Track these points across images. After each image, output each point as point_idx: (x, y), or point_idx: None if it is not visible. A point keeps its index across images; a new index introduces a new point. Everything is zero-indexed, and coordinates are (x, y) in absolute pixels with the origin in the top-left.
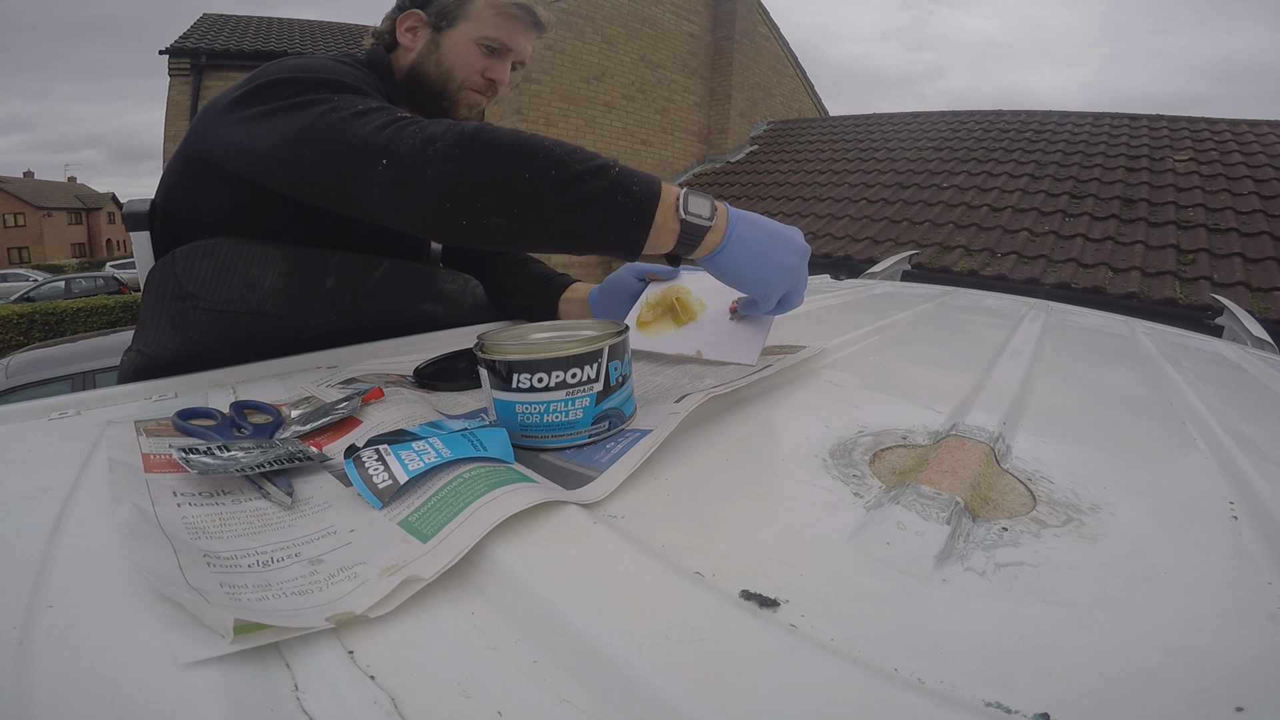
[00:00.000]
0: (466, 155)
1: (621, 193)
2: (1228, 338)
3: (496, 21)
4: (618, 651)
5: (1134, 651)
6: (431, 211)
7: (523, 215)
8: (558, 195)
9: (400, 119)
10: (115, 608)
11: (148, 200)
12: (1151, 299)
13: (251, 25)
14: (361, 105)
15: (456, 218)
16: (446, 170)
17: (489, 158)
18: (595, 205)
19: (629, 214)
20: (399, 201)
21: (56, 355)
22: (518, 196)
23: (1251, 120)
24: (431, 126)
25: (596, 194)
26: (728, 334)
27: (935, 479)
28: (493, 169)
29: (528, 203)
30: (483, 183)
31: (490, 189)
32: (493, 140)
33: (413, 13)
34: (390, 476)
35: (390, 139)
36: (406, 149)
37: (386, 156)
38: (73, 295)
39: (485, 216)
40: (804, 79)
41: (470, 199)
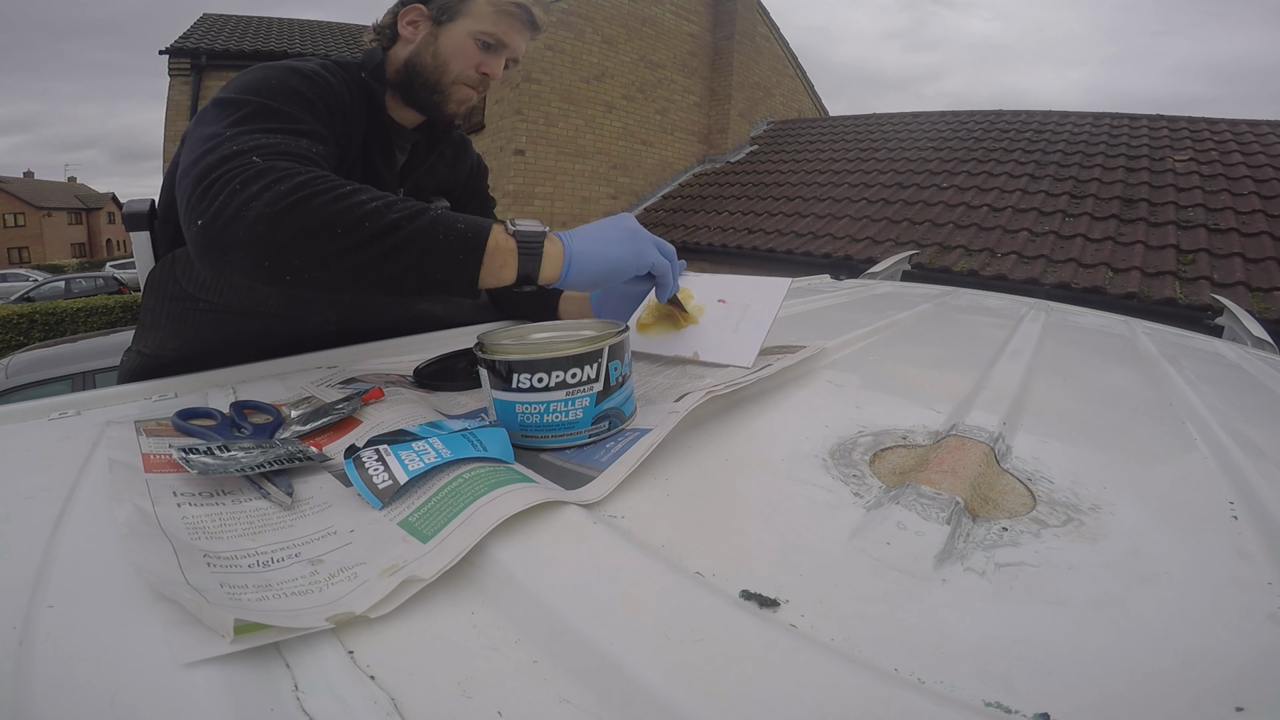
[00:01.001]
0: (276, 215)
1: (444, 230)
2: (1228, 338)
3: (495, 18)
4: (618, 651)
5: (1134, 651)
6: (249, 269)
7: (340, 267)
8: (372, 244)
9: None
10: (115, 608)
11: (148, 200)
12: (1151, 299)
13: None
14: (237, 146)
15: (277, 273)
16: (256, 232)
17: (297, 215)
18: (414, 246)
19: (454, 247)
20: (218, 264)
21: (56, 355)
22: (330, 250)
23: (1251, 120)
24: (256, 182)
25: (415, 235)
26: (725, 337)
27: (935, 479)
28: (302, 227)
29: (342, 255)
30: (292, 241)
31: (301, 246)
32: (305, 197)
33: (415, 6)
34: (390, 477)
35: (210, 203)
36: (219, 211)
37: (202, 219)
38: (73, 295)
39: (303, 271)
40: (804, 79)
41: (283, 256)
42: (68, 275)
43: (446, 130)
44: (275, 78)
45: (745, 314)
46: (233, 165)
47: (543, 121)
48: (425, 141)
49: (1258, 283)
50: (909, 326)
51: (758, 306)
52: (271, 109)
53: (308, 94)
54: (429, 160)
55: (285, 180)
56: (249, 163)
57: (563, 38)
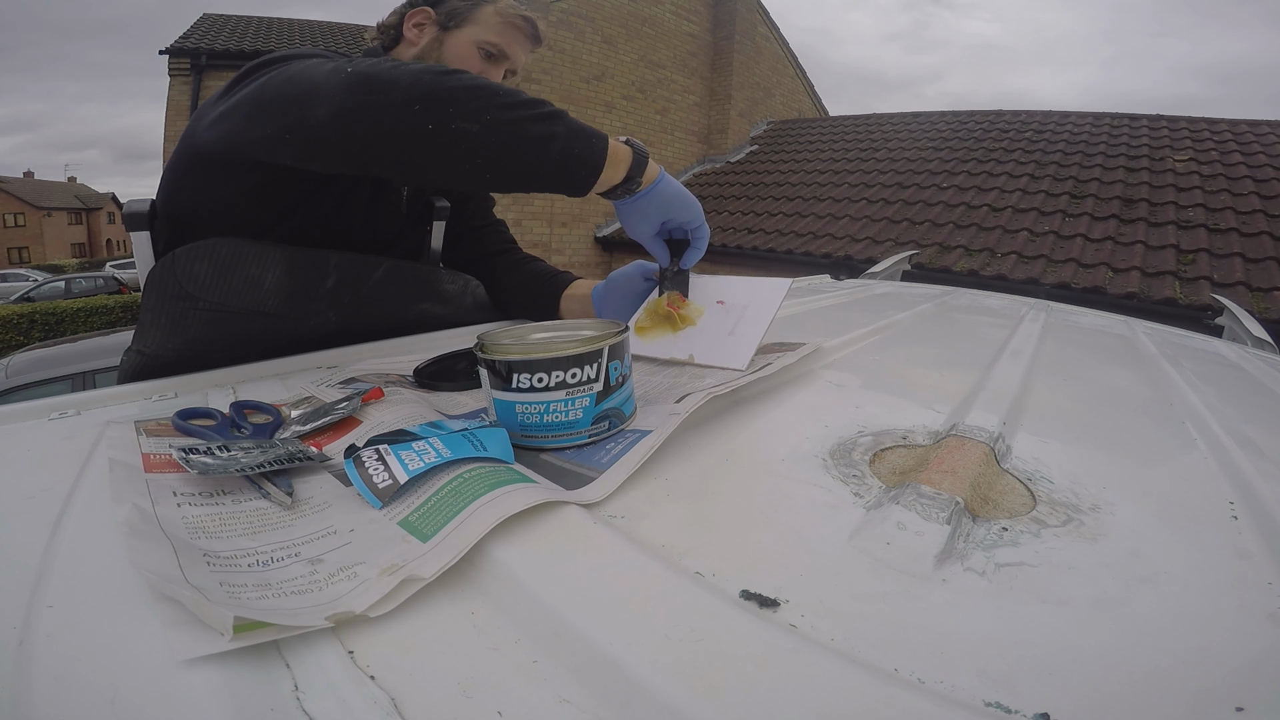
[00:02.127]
0: (439, 72)
1: (578, 122)
2: (1228, 338)
3: (501, 29)
4: (618, 651)
5: (1134, 651)
6: (396, 111)
7: (495, 121)
8: (526, 108)
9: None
10: (115, 608)
11: (148, 200)
12: (1151, 299)
13: (251, 25)
14: (317, 61)
15: (424, 119)
16: (421, 79)
17: (461, 76)
18: (561, 121)
19: (590, 135)
20: (359, 102)
21: (56, 355)
22: (489, 104)
23: (1251, 120)
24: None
25: (560, 115)
26: (721, 339)
27: (935, 479)
28: (464, 82)
29: (499, 110)
30: (454, 90)
31: (462, 96)
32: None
33: (423, 10)
34: (390, 476)
35: (358, 63)
36: (373, 64)
37: (351, 66)
38: (73, 295)
39: (455, 120)
40: (804, 79)
41: (440, 103)
42: (68, 275)
43: None
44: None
45: (743, 316)
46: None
47: None
48: None
49: (1258, 283)
50: (909, 326)
51: (756, 309)
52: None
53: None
54: None
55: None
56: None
57: (563, 38)
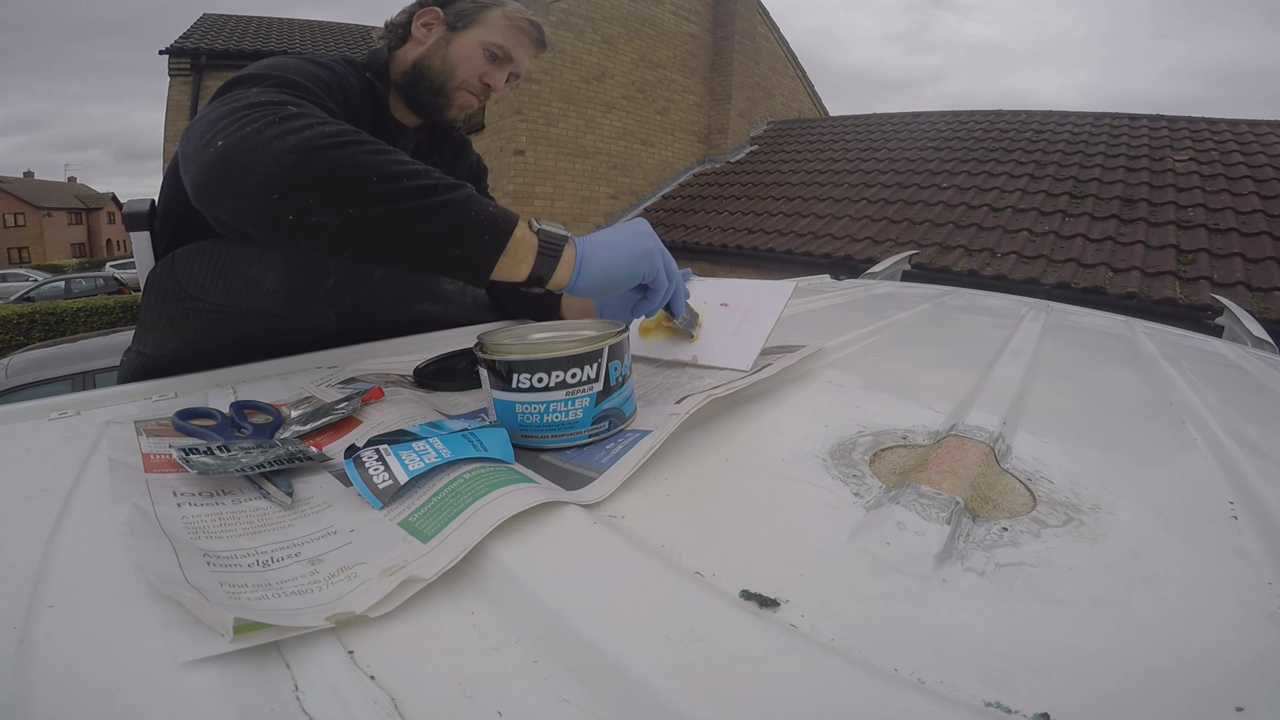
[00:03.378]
0: (314, 149)
1: (476, 208)
2: (1228, 338)
3: (507, 31)
4: (617, 651)
5: (1134, 651)
6: (252, 199)
7: (358, 215)
8: (401, 199)
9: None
10: (115, 608)
11: (148, 200)
12: (1151, 299)
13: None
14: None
15: (282, 210)
16: (285, 160)
17: (338, 154)
18: (444, 214)
19: (482, 227)
20: (219, 186)
21: (56, 355)
22: (357, 194)
23: (1251, 120)
24: (294, 120)
25: (448, 204)
26: (724, 340)
27: (935, 479)
28: (337, 162)
29: (366, 202)
30: (320, 175)
31: (327, 183)
32: (351, 141)
33: (432, 9)
34: (390, 477)
35: (240, 125)
36: (248, 134)
37: (222, 138)
38: (73, 295)
39: (314, 213)
40: (804, 79)
41: (301, 191)
42: (68, 275)
43: (447, 131)
44: (293, 63)
45: (747, 318)
46: (268, 105)
47: (543, 121)
48: (426, 142)
49: (1258, 283)
50: (909, 326)
51: (760, 310)
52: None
53: (326, 79)
54: (429, 161)
55: (329, 124)
56: (285, 108)
57: (563, 38)
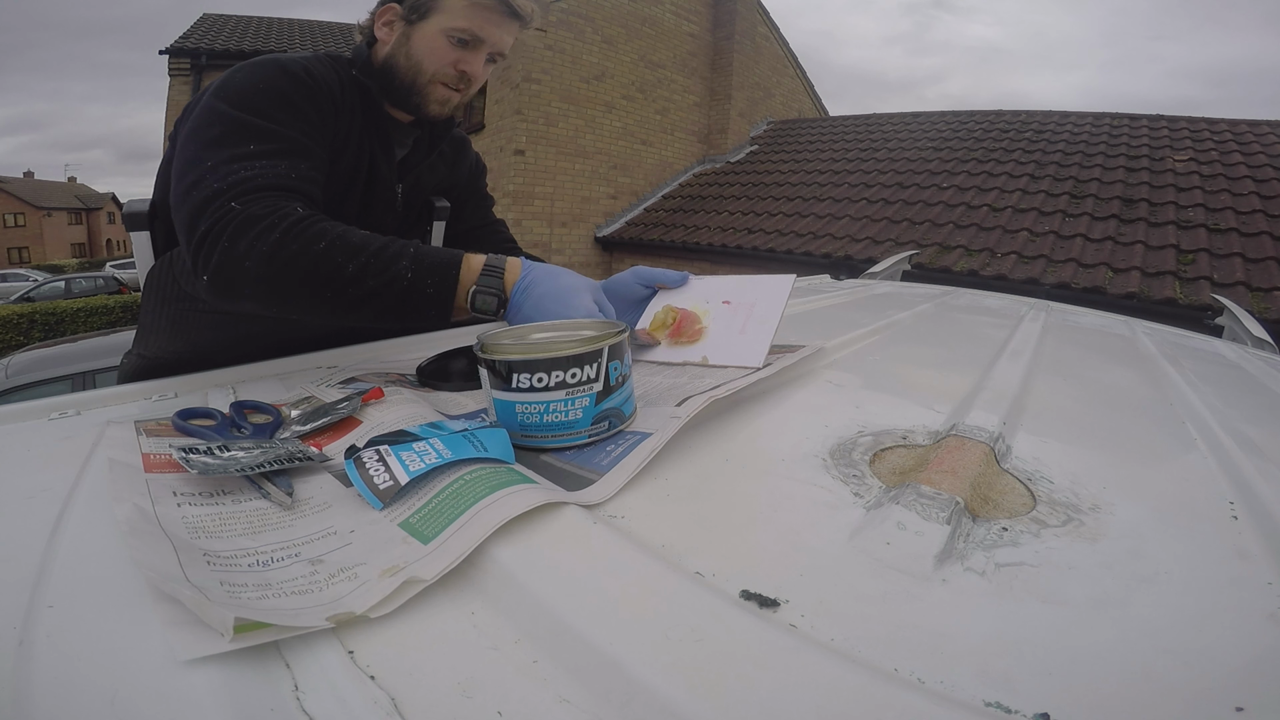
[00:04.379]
0: (270, 277)
1: (415, 298)
2: (1228, 338)
3: (468, 13)
4: (618, 651)
5: (1134, 651)
6: (260, 311)
7: (334, 317)
8: (357, 309)
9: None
10: (115, 608)
11: (147, 200)
12: (1151, 299)
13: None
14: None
15: (286, 315)
16: (258, 289)
17: (290, 277)
18: (391, 314)
19: (424, 313)
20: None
21: (56, 355)
22: (322, 309)
23: (1251, 120)
24: (241, 240)
25: (389, 307)
26: (733, 338)
27: (935, 479)
28: (294, 291)
29: (333, 313)
30: (289, 300)
31: (297, 304)
32: (291, 257)
33: (390, 6)
34: (391, 477)
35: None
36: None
37: (207, 274)
38: (73, 295)
39: (304, 316)
40: (804, 79)
41: (285, 307)
42: (68, 275)
43: (447, 127)
44: (264, 82)
45: (751, 314)
46: (216, 215)
47: (543, 121)
48: (426, 137)
49: (1258, 283)
50: (909, 326)
51: (763, 305)
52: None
53: (294, 97)
54: (429, 158)
55: (264, 238)
56: (228, 210)
57: (563, 38)
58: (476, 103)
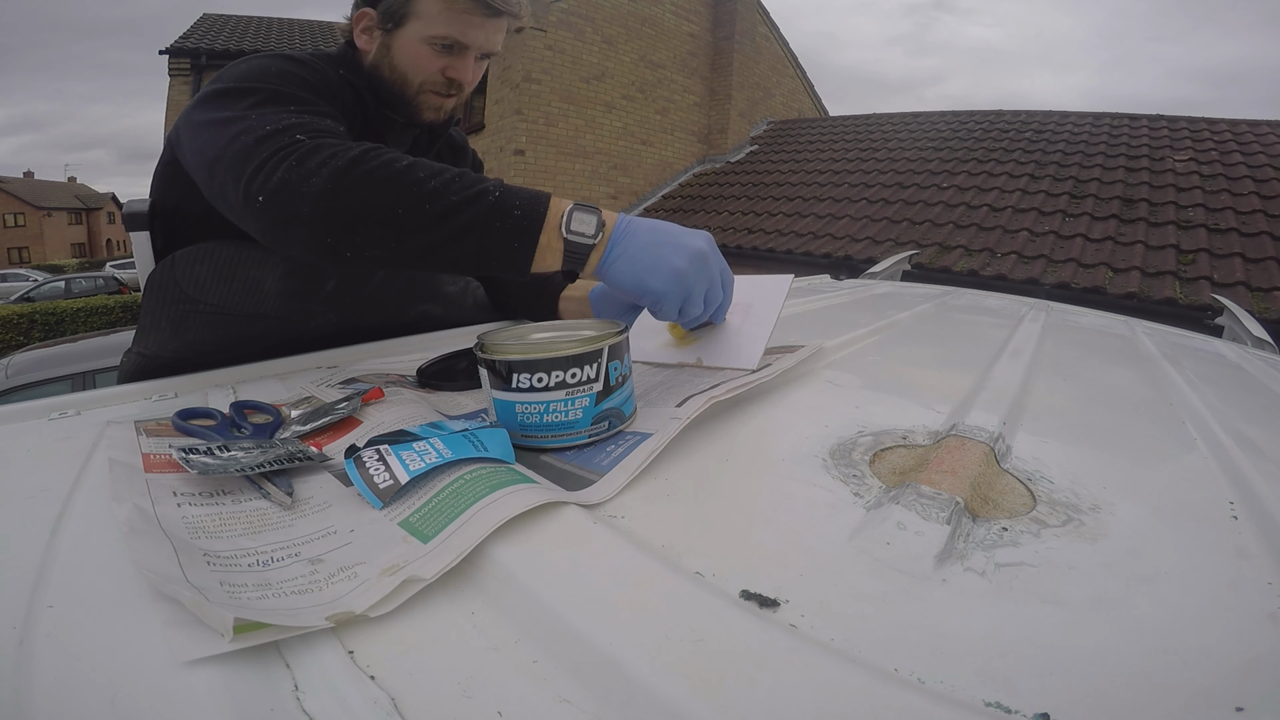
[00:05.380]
0: (339, 191)
1: (501, 218)
2: (1228, 338)
3: (446, 18)
4: (617, 651)
5: (1134, 651)
6: (312, 246)
7: (400, 248)
8: (432, 227)
9: (292, 144)
10: (115, 608)
11: (147, 200)
12: (1151, 299)
13: (251, 25)
14: (270, 126)
15: (338, 250)
16: (319, 207)
17: (360, 192)
18: (471, 235)
19: (509, 239)
20: (281, 240)
21: (56, 355)
22: (392, 230)
23: (1251, 120)
24: (311, 159)
25: (472, 224)
26: (728, 340)
27: (935, 479)
28: (365, 203)
29: (403, 235)
30: (356, 218)
31: (364, 224)
32: (366, 175)
33: (365, 12)
34: (391, 476)
35: (267, 179)
36: (280, 186)
37: (263, 195)
38: (73, 295)
39: (364, 249)
40: (804, 79)
41: (346, 234)
42: (68, 275)
43: (445, 126)
44: (274, 66)
45: (748, 315)
46: (281, 142)
47: (543, 121)
48: (425, 137)
49: (1258, 283)
50: (909, 326)
51: (760, 306)
52: (285, 94)
53: (310, 79)
54: (427, 158)
55: (341, 156)
56: (296, 140)
57: (563, 38)
58: (476, 103)
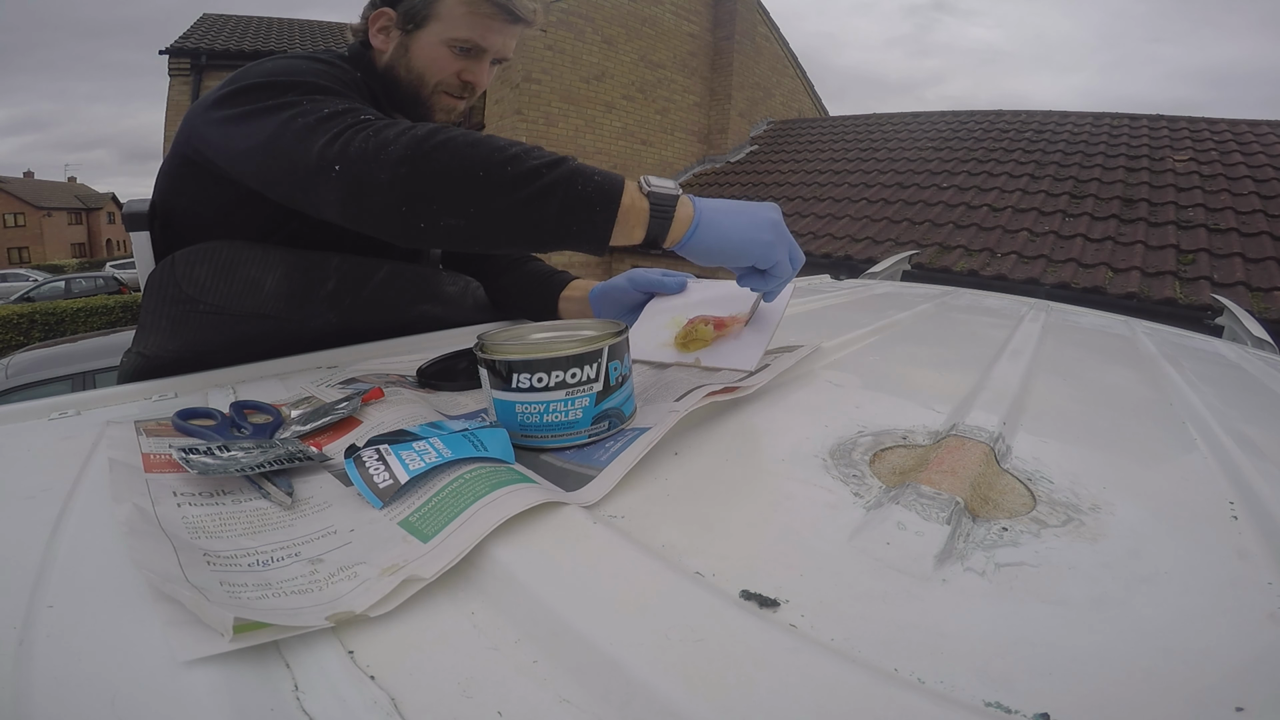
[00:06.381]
0: (418, 157)
1: (582, 181)
2: (1228, 338)
3: (469, 21)
4: (618, 651)
5: (1134, 651)
6: (387, 215)
7: (480, 213)
8: (514, 189)
9: (360, 122)
10: (115, 608)
11: (147, 200)
12: (1151, 299)
13: (251, 25)
14: (328, 109)
15: (413, 220)
16: (399, 173)
17: (442, 157)
18: (554, 196)
19: (592, 201)
20: (356, 209)
21: (56, 355)
22: (473, 194)
23: (1251, 120)
24: (387, 130)
25: (556, 184)
26: (728, 342)
27: (935, 479)
28: (447, 168)
29: (483, 200)
30: (436, 183)
31: (444, 189)
32: (445, 140)
33: (383, 11)
34: (391, 476)
35: (344, 147)
36: (359, 155)
37: (339, 163)
38: (73, 295)
39: (441, 218)
40: (804, 79)
41: (424, 201)
42: (68, 275)
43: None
44: (305, 65)
45: (750, 318)
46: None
47: (543, 121)
48: None
49: (1258, 283)
50: (909, 326)
51: (761, 312)
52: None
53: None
54: None
55: (419, 127)
56: (363, 119)
57: (563, 38)
58: (476, 103)
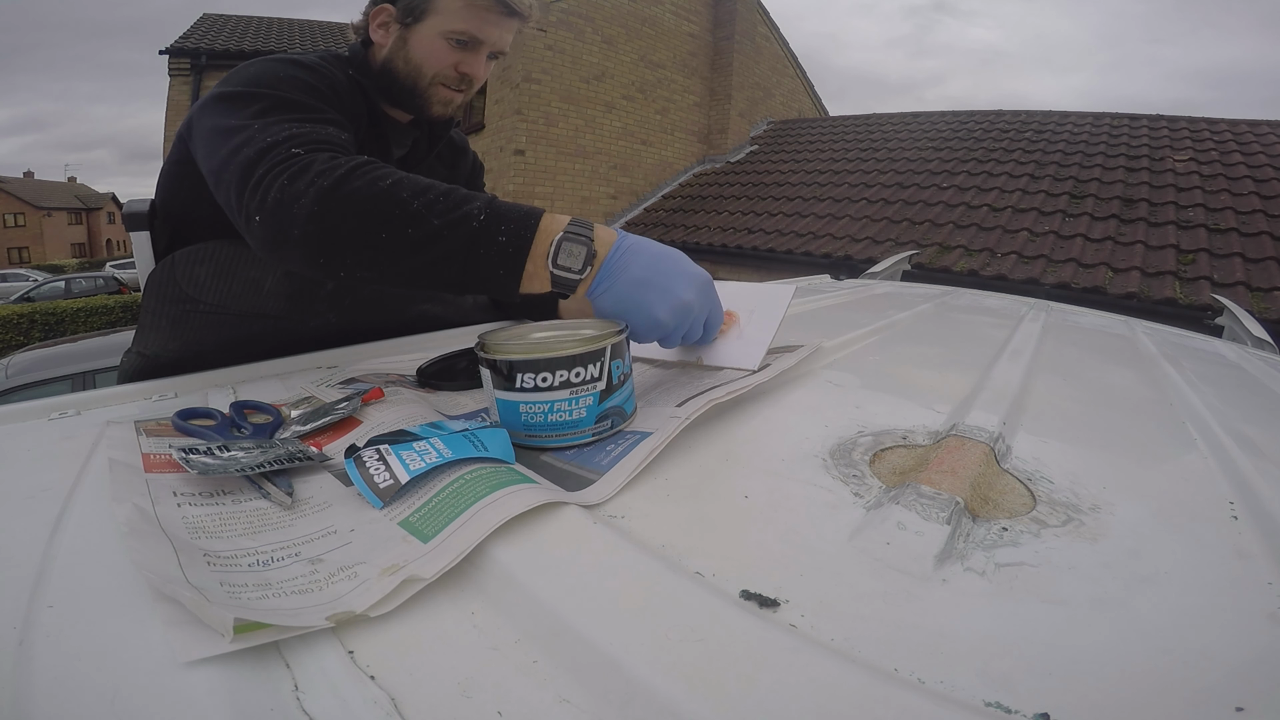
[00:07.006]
0: (324, 213)
1: (485, 244)
2: (1228, 338)
3: (466, 14)
4: (617, 651)
5: (1134, 651)
6: (307, 266)
7: (386, 272)
8: (415, 253)
9: (288, 158)
10: (115, 608)
11: (147, 200)
12: (1151, 299)
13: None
14: (271, 137)
15: (331, 270)
16: (308, 230)
17: (344, 216)
18: (454, 262)
19: (494, 266)
20: (277, 258)
21: (56, 355)
22: (376, 255)
23: (1251, 120)
24: (300, 180)
25: (454, 252)
26: (729, 342)
27: (935, 479)
28: (349, 228)
29: (388, 261)
30: (341, 243)
31: (349, 249)
32: (349, 196)
33: (383, 8)
34: (391, 476)
35: (263, 197)
36: (274, 206)
37: (259, 214)
38: (73, 295)
39: (354, 271)
40: (804, 79)
41: (336, 256)
42: (68, 275)
43: (446, 128)
44: (281, 71)
45: (750, 319)
46: (275, 157)
47: (543, 121)
48: (425, 138)
49: (1258, 283)
50: (909, 326)
51: (763, 312)
52: (289, 100)
53: (316, 84)
54: (428, 159)
55: (328, 175)
56: (290, 155)
57: (563, 38)
58: (476, 103)
